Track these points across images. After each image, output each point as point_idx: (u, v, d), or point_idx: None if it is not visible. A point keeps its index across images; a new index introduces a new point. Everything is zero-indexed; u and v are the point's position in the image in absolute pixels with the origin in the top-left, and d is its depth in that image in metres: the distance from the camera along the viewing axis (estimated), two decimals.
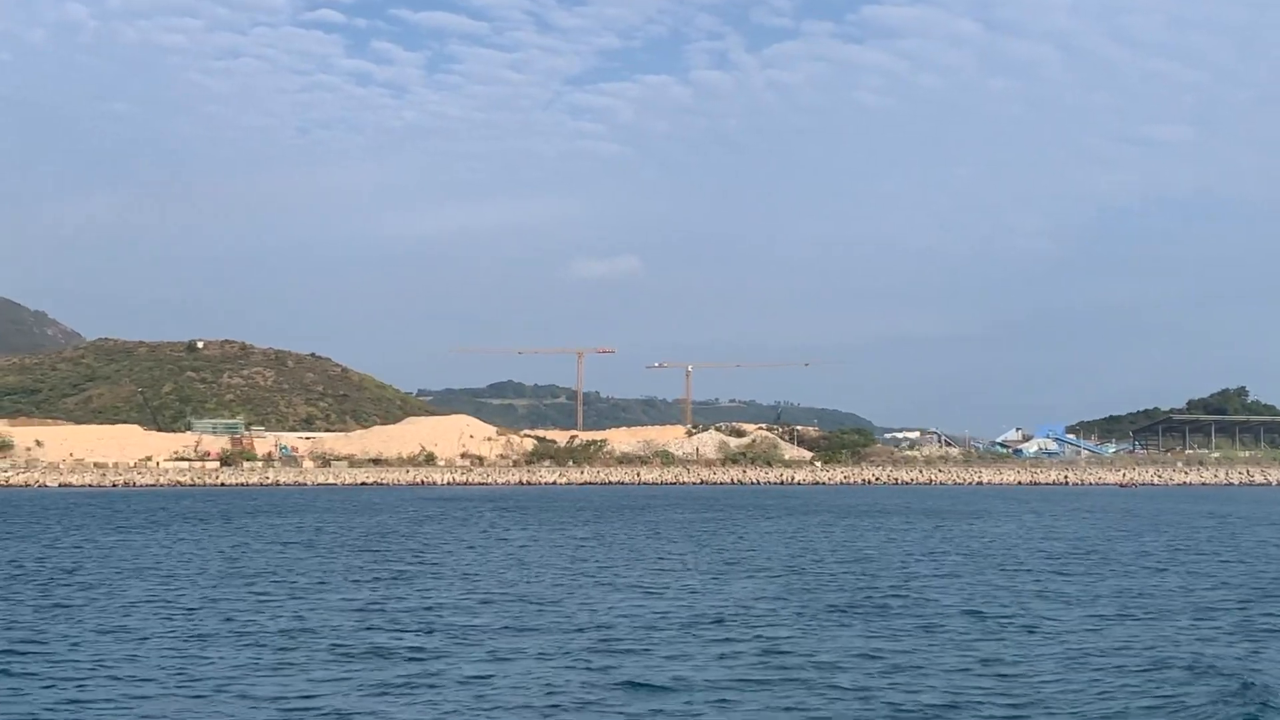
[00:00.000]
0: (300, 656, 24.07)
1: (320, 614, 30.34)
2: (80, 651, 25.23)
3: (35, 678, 22.38)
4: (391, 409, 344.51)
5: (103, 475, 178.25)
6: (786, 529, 68.20)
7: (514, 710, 19.47)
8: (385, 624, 28.51)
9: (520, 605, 32.06)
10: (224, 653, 24.76)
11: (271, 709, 19.57)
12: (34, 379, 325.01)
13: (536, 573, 41.88)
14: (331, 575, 41.24)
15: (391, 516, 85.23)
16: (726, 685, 21.08)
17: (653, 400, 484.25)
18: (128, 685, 21.61)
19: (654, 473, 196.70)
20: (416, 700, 20.21)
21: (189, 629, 28.23)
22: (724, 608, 30.98)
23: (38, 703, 20.29)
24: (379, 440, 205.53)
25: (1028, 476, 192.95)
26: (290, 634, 27.00)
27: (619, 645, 25.21)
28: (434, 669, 22.76)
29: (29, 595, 35.82)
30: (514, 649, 24.75)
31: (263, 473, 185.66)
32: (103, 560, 48.59)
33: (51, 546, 56.58)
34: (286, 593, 35.87)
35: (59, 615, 30.96)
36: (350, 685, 21.27)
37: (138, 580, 40.16)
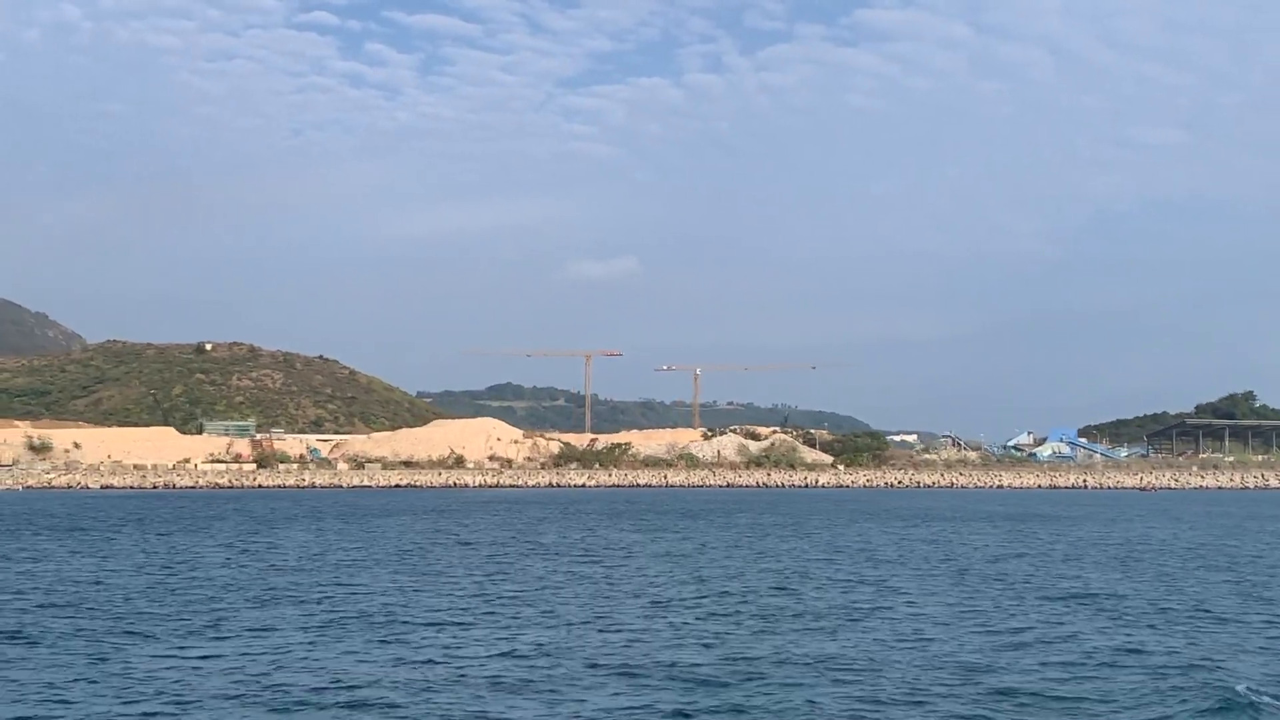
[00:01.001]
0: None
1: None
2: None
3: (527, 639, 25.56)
4: (400, 411, 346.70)
5: (142, 477, 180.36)
6: (949, 536, 68.08)
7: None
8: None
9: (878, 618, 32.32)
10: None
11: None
12: (43, 381, 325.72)
13: (808, 579, 43.20)
14: (582, 581, 43.97)
15: (490, 518, 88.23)
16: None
17: (651, 403, 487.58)
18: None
19: (679, 475, 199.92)
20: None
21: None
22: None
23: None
24: (408, 443, 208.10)
25: (1046, 480, 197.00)
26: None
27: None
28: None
29: (335, 578, 38.88)
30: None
31: (298, 475, 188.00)
32: (343, 550, 51.55)
33: (255, 538, 59.39)
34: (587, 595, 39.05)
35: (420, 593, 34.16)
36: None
37: (395, 568, 43.28)
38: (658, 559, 51.89)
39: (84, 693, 22.60)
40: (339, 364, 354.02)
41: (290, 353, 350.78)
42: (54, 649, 27.37)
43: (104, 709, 21.28)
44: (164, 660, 25.89)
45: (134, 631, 30.17)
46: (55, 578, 43.95)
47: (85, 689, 22.90)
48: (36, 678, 23.93)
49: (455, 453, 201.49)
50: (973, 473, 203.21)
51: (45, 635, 29.45)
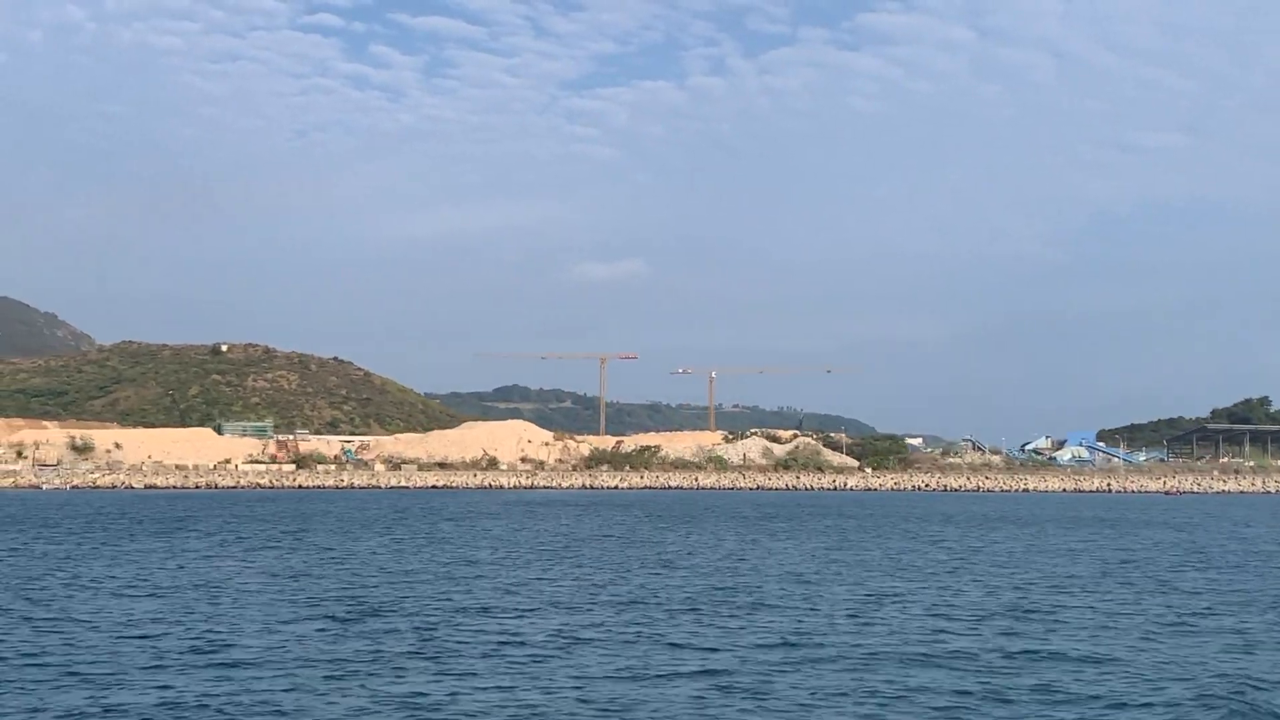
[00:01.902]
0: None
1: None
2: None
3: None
4: (414, 413, 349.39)
5: (184, 477, 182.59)
6: (1046, 544, 67.32)
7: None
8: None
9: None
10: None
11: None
12: (60, 381, 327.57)
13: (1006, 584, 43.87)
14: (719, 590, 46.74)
15: (572, 523, 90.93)
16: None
17: (657, 405, 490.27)
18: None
19: (710, 478, 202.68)
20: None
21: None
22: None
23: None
24: (440, 444, 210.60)
25: (1071, 484, 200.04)
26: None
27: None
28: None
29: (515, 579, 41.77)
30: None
31: (337, 475, 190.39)
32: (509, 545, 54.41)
33: (408, 543, 62.08)
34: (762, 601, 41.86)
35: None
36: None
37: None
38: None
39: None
40: (353, 365, 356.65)
41: (305, 354, 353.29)
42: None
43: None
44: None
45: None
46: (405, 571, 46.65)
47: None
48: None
49: (488, 454, 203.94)
50: (997, 476, 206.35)
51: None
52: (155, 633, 30.34)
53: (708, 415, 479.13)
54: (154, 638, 29.50)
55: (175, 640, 29.06)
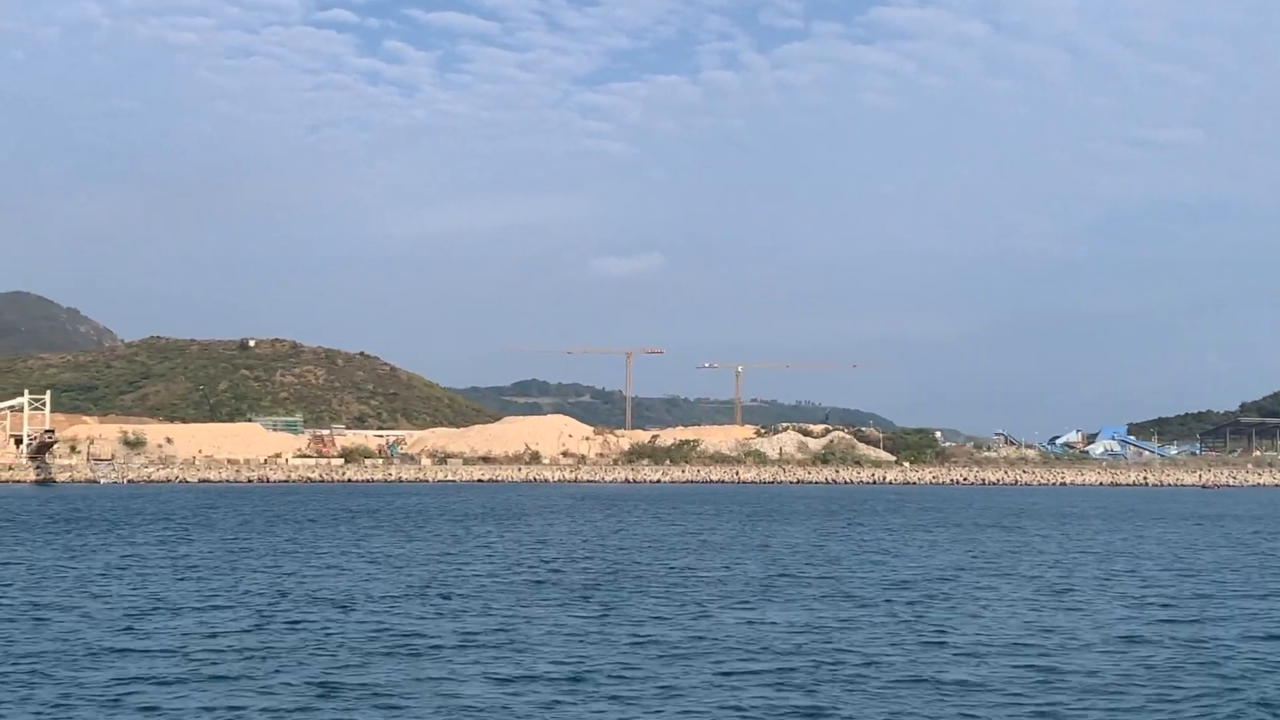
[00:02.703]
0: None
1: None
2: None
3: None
4: (440, 407, 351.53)
5: (237, 472, 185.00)
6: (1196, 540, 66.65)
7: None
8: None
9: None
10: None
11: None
12: (90, 376, 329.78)
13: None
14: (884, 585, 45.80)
15: (667, 527, 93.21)
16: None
17: (675, 399, 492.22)
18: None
19: (750, 472, 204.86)
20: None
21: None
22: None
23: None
24: (482, 439, 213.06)
25: (1108, 478, 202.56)
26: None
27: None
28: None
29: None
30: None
31: (385, 470, 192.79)
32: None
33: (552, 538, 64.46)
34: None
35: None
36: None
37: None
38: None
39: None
40: (379, 360, 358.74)
41: (332, 349, 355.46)
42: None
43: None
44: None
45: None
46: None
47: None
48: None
49: (530, 449, 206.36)
50: (1035, 470, 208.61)
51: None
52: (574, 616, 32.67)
53: (726, 409, 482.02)
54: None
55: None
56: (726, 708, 21.42)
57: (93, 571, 44.86)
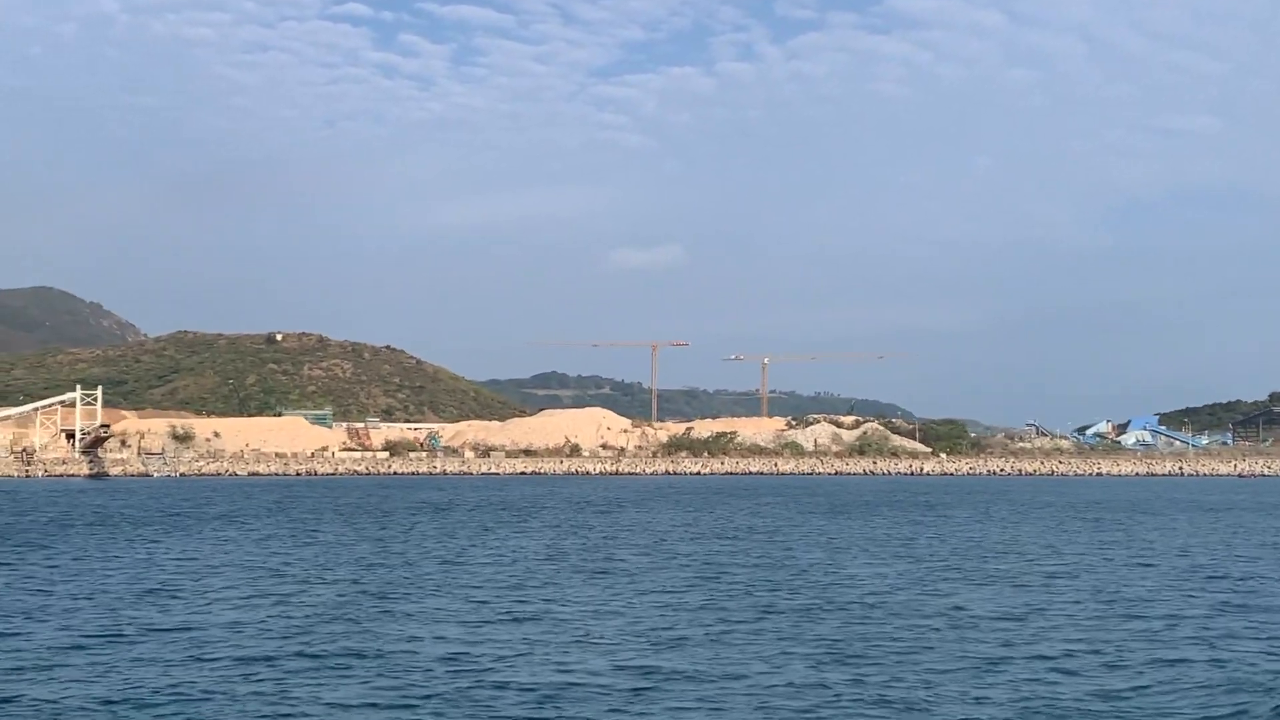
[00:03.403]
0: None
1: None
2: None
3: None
4: (466, 400, 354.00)
5: (285, 464, 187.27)
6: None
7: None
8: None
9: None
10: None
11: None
12: (119, 371, 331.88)
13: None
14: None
15: (758, 518, 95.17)
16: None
17: (694, 391, 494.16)
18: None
19: (789, 464, 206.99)
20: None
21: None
22: None
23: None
24: (521, 431, 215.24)
25: (1144, 468, 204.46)
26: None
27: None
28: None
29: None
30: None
31: (429, 463, 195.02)
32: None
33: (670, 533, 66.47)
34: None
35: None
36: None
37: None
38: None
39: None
40: (405, 354, 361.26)
41: (358, 343, 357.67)
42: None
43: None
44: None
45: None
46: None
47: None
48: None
49: (570, 441, 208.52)
50: (1071, 461, 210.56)
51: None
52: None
53: (744, 401, 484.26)
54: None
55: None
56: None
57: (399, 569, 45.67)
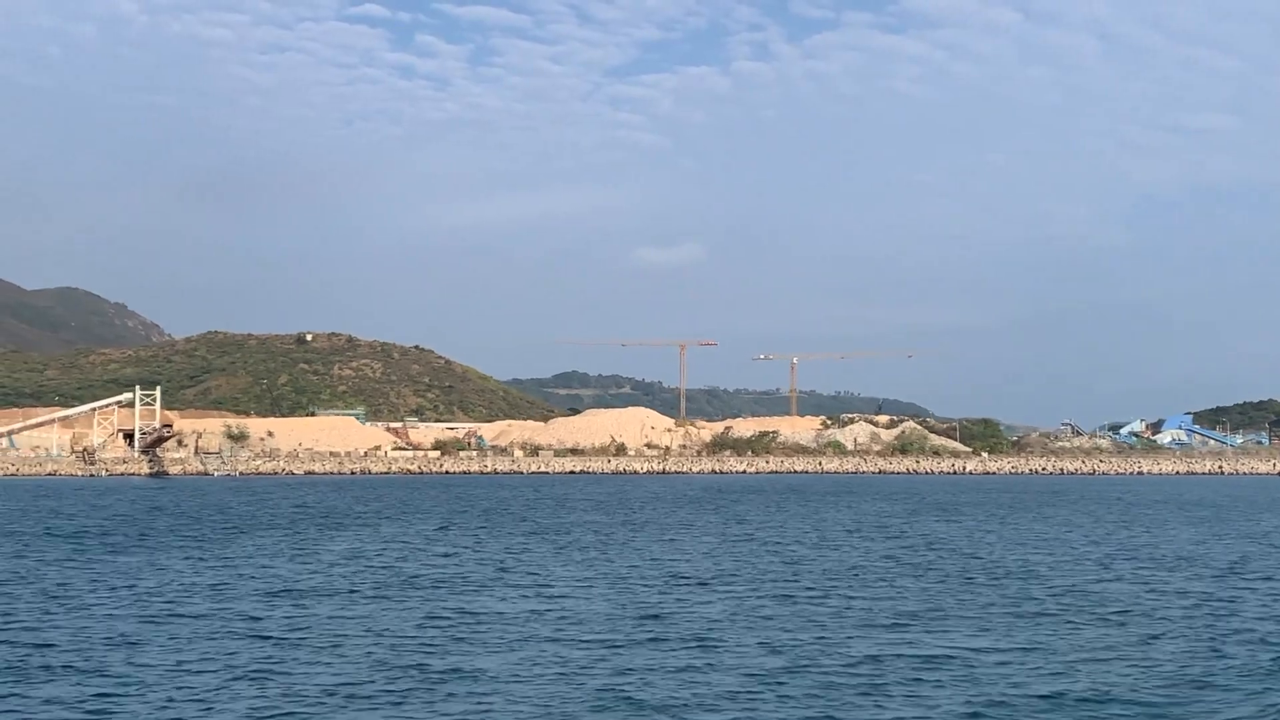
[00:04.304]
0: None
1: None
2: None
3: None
4: (495, 400, 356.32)
5: (339, 464, 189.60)
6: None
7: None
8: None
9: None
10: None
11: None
12: (151, 371, 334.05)
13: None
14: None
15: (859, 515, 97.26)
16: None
17: (715, 390, 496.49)
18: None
19: (833, 463, 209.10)
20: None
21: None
22: None
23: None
24: (565, 431, 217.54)
25: (1184, 466, 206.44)
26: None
27: None
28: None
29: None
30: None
31: (480, 462, 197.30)
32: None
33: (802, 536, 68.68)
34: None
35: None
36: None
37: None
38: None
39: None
40: (434, 354, 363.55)
41: (387, 343, 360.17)
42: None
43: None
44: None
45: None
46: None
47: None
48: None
49: (616, 441, 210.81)
50: (1111, 460, 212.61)
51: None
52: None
53: (764, 400, 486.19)
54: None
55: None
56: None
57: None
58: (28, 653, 26.31)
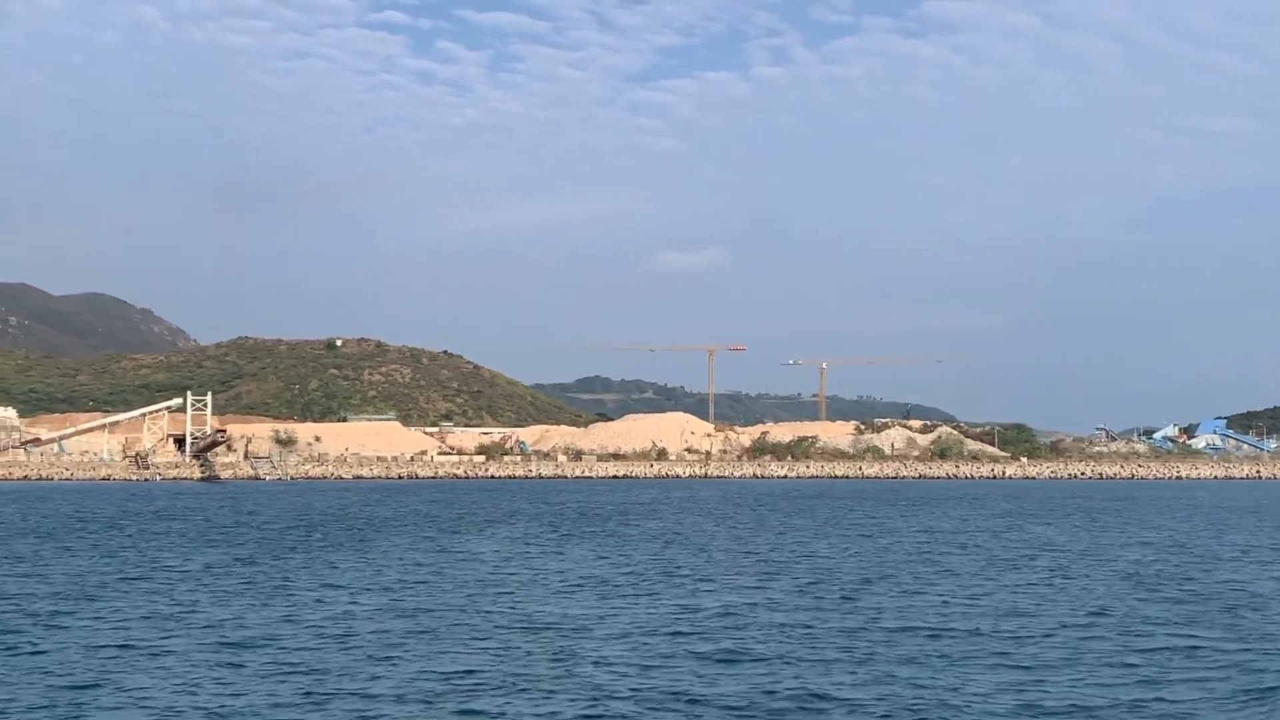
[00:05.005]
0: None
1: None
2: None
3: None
4: (523, 405, 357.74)
5: (387, 468, 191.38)
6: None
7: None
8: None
9: None
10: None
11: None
12: (182, 376, 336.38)
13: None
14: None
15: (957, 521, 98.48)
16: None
17: (738, 395, 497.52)
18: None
19: (873, 468, 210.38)
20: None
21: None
22: None
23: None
24: (605, 436, 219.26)
25: (1221, 471, 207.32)
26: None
27: None
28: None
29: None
30: None
31: (524, 466, 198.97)
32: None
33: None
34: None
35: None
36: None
37: None
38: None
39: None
40: (463, 359, 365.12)
41: (416, 347, 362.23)
42: None
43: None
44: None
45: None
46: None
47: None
48: None
49: (657, 445, 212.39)
50: (1150, 464, 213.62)
51: None
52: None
53: (787, 405, 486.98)
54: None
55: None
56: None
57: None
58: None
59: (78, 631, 29.99)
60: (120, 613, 33.15)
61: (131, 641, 28.36)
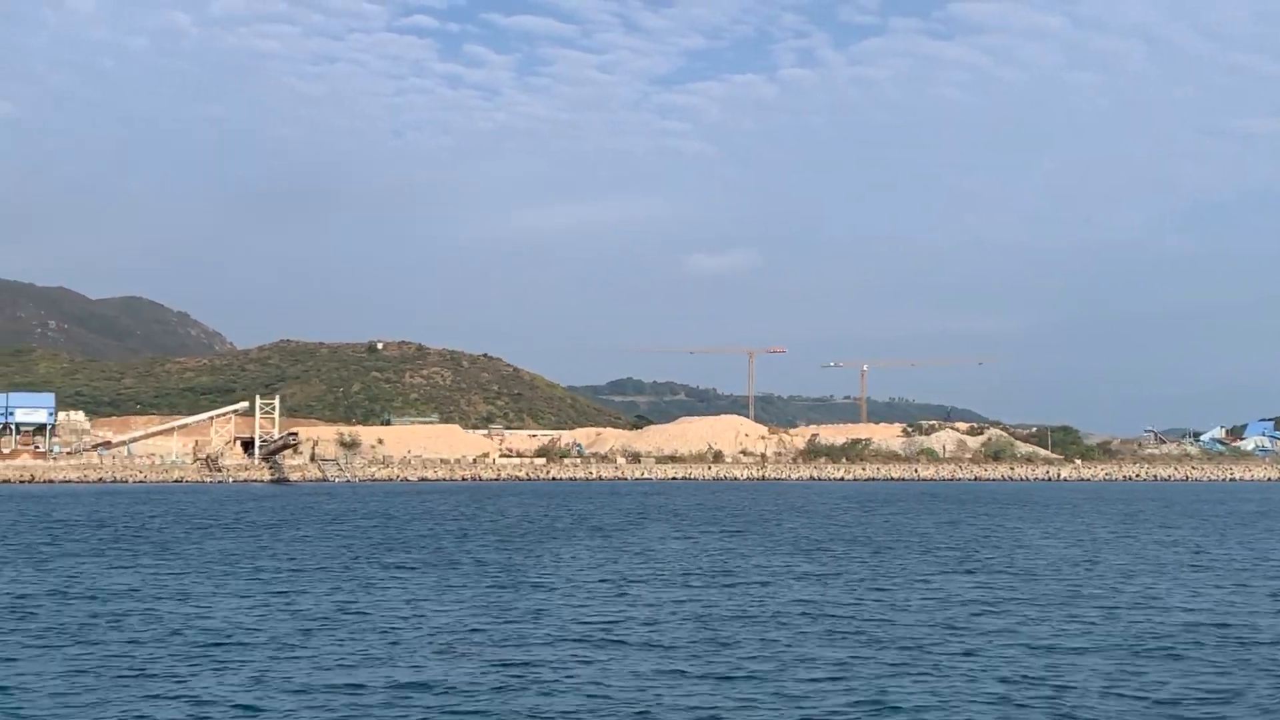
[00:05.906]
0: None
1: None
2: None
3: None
4: (563, 407, 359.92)
5: (450, 471, 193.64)
6: None
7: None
8: None
9: None
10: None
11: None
12: (227, 379, 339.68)
13: None
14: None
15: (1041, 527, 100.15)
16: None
17: (770, 397, 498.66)
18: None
19: (928, 470, 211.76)
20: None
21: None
22: None
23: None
24: (660, 438, 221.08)
25: (1274, 473, 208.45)
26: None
27: None
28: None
29: None
30: None
31: (585, 468, 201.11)
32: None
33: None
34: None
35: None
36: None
37: None
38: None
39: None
40: (503, 362, 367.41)
41: (456, 351, 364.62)
42: None
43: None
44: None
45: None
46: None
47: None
48: None
49: (712, 448, 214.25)
50: (1204, 467, 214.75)
51: None
52: None
53: (818, 407, 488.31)
54: None
55: None
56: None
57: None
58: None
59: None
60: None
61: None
